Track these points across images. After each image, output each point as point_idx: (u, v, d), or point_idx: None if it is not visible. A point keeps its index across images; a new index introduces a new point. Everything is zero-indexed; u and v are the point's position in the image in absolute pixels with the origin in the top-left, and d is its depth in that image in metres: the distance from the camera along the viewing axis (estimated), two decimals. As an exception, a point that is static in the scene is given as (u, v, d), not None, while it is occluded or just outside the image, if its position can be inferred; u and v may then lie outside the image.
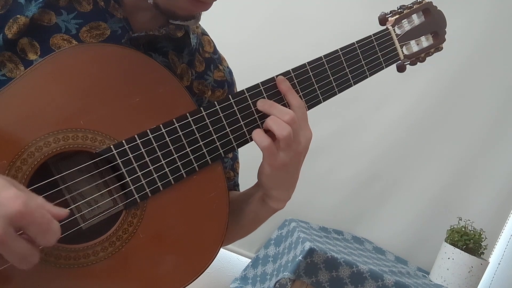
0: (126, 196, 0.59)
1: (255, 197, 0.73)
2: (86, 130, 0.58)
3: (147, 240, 0.60)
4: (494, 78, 2.02)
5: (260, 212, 0.74)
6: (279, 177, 0.68)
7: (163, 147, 0.61)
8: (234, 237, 0.82)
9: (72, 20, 0.65)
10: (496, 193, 2.07)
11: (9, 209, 0.44)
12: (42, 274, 0.54)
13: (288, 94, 0.67)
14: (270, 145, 0.64)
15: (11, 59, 0.62)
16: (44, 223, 0.46)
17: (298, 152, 0.66)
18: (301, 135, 0.66)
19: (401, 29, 0.77)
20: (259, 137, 0.65)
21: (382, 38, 0.75)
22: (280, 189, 0.70)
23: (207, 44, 0.82)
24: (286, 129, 0.63)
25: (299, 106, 0.67)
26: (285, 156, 0.65)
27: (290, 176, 0.69)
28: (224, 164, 0.85)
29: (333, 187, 2.00)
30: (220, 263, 1.97)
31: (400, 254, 2.05)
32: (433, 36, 0.80)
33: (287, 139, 0.63)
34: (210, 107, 0.64)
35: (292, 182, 0.71)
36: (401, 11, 0.78)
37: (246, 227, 0.79)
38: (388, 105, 2.01)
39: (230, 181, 0.87)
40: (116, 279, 0.58)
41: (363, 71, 0.74)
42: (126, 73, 0.61)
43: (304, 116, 0.67)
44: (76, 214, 0.59)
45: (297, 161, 0.67)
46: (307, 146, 0.67)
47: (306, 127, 0.67)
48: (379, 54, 0.75)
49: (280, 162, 0.65)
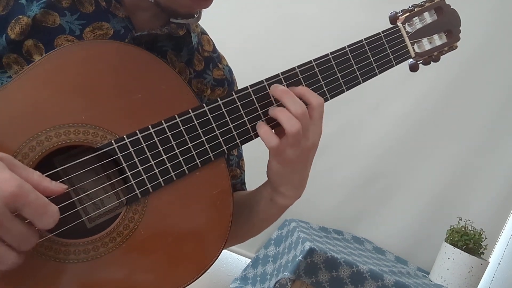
0: (128, 191, 0.59)
1: (264, 195, 0.72)
2: (87, 125, 0.57)
3: (149, 237, 0.59)
4: (494, 78, 2.02)
5: (270, 209, 0.73)
6: (287, 174, 0.67)
7: (164, 142, 0.60)
8: (245, 236, 0.81)
9: (76, 21, 0.65)
10: (496, 193, 2.07)
11: (2, 191, 0.44)
12: (42, 269, 0.54)
13: (306, 92, 0.65)
14: (278, 144, 0.63)
15: (17, 61, 0.63)
16: (39, 205, 0.46)
17: (307, 148, 0.65)
18: (311, 131, 0.64)
19: (412, 27, 0.76)
20: (267, 136, 0.63)
21: (391, 35, 0.74)
22: (289, 186, 0.69)
23: (206, 43, 0.82)
24: (296, 125, 0.61)
25: (316, 101, 0.64)
26: (292, 152, 0.63)
27: (299, 173, 0.68)
28: (230, 162, 0.84)
29: (333, 187, 2.00)
30: (220, 263, 1.97)
31: (400, 254, 2.05)
32: (446, 34, 0.79)
33: (297, 136, 0.62)
34: (213, 103, 0.63)
35: (301, 179, 0.69)
36: (412, 9, 0.77)
37: (257, 225, 0.78)
38: (388, 105, 2.01)
39: (237, 178, 0.86)
40: (117, 275, 0.58)
41: (372, 69, 0.72)
42: (128, 69, 0.61)
43: (320, 112, 0.65)
44: (78, 207, 0.59)
45: (305, 158, 0.66)
46: (316, 143, 0.66)
47: (318, 124, 0.65)
48: (389, 51, 0.74)
49: (288, 159, 0.64)
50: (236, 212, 0.79)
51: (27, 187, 0.46)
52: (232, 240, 0.83)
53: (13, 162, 0.48)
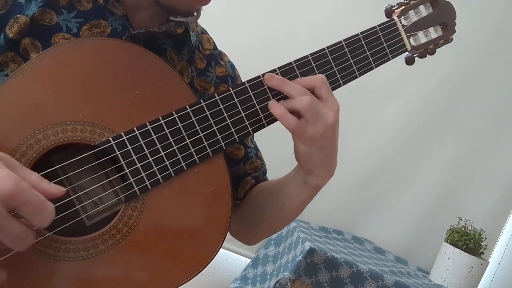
0: (127, 189, 0.59)
1: (296, 179, 0.71)
2: (85, 123, 0.57)
3: (148, 234, 0.59)
4: (495, 78, 2.03)
5: (303, 193, 0.72)
6: (315, 154, 0.65)
7: (162, 139, 0.60)
8: (280, 224, 0.81)
9: (73, 19, 0.65)
10: (496, 193, 2.07)
11: (0, 189, 0.43)
12: (41, 267, 0.54)
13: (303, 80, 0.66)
14: (298, 124, 0.62)
15: (14, 59, 0.62)
16: (37, 203, 0.46)
17: (329, 124, 0.63)
18: (327, 106, 0.64)
19: (408, 20, 0.76)
20: (285, 118, 0.63)
21: (387, 29, 0.74)
22: (320, 166, 0.67)
23: (207, 42, 0.82)
24: (306, 99, 0.61)
25: (317, 79, 0.65)
26: (315, 130, 0.63)
27: (327, 151, 0.66)
28: (249, 155, 0.84)
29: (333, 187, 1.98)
30: (220, 263, 1.97)
31: (400, 254, 2.05)
32: (442, 27, 0.79)
33: (311, 110, 0.62)
34: (210, 99, 0.63)
35: (331, 156, 0.67)
36: (407, 2, 0.76)
37: (291, 211, 0.76)
38: (388, 105, 2.01)
39: (259, 170, 0.85)
40: (116, 272, 0.58)
41: (368, 62, 0.72)
42: (125, 66, 0.61)
43: (326, 87, 0.65)
44: (77, 205, 0.58)
45: (330, 134, 0.65)
46: (336, 117, 0.64)
47: (331, 99, 0.65)
48: (385, 45, 0.74)
49: (312, 138, 0.63)
50: (267, 200, 0.79)
51: (24, 186, 0.45)
52: (264, 230, 0.84)
53: (11, 162, 0.48)
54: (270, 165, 0.89)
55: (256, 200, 0.82)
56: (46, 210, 0.46)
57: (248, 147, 0.84)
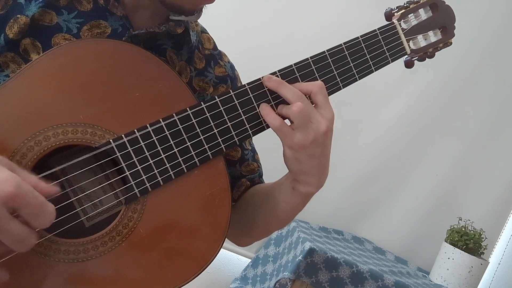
0: (127, 191, 0.59)
1: (286, 184, 0.70)
2: (86, 125, 0.57)
3: (148, 235, 0.59)
4: (495, 79, 2.02)
5: (292, 199, 0.70)
6: (304, 160, 0.64)
7: (163, 141, 0.60)
8: (270, 228, 0.80)
9: (73, 19, 0.65)
10: (496, 193, 2.07)
11: (1, 191, 0.44)
12: (40, 268, 0.54)
13: (301, 85, 0.65)
14: (281, 124, 0.62)
15: (14, 59, 0.62)
16: (37, 204, 0.46)
17: (320, 133, 0.62)
18: (321, 114, 0.63)
19: (407, 24, 0.76)
20: (270, 117, 0.63)
21: (387, 32, 0.74)
22: (308, 173, 0.66)
23: (207, 42, 0.82)
24: (298, 105, 0.61)
25: (314, 85, 0.64)
26: (302, 136, 0.62)
27: (317, 159, 0.64)
28: (245, 157, 0.84)
29: (333, 187, 1.99)
30: (220, 263, 1.97)
31: (400, 254, 2.04)
32: (441, 31, 0.79)
33: (300, 116, 0.61)
34: (210, 101, 0.63)
35: (321, 165, 0.66)
36: (407, 6, 0.77)
37: (281, 217, 0.75)
38: (388, 105, 2.01)
39: (255, 172, 0.85)
40: (116, 274, 0.58)
41: (368, 66, 0.72)
42: (125, 68, 0.61)
43: (323, 94, 0.64)
44: (77, 207, 0.58)
45: (321, 143, 0.63)
46: (330, 126, 0.63)
47: (326, 107, 0.64)
48: (385, 48, 0.74)
49: (299, 144, 0.62)
50: (258, 204, 0.78)
51: (25, 187, 0.45)
52: (256, 234, 0.83)
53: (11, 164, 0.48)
54: (267, 168, 0.89)
55: (249, 203, 0.82)
56: (46, 211, 0.47)
57: (246, 149, 0.84)
